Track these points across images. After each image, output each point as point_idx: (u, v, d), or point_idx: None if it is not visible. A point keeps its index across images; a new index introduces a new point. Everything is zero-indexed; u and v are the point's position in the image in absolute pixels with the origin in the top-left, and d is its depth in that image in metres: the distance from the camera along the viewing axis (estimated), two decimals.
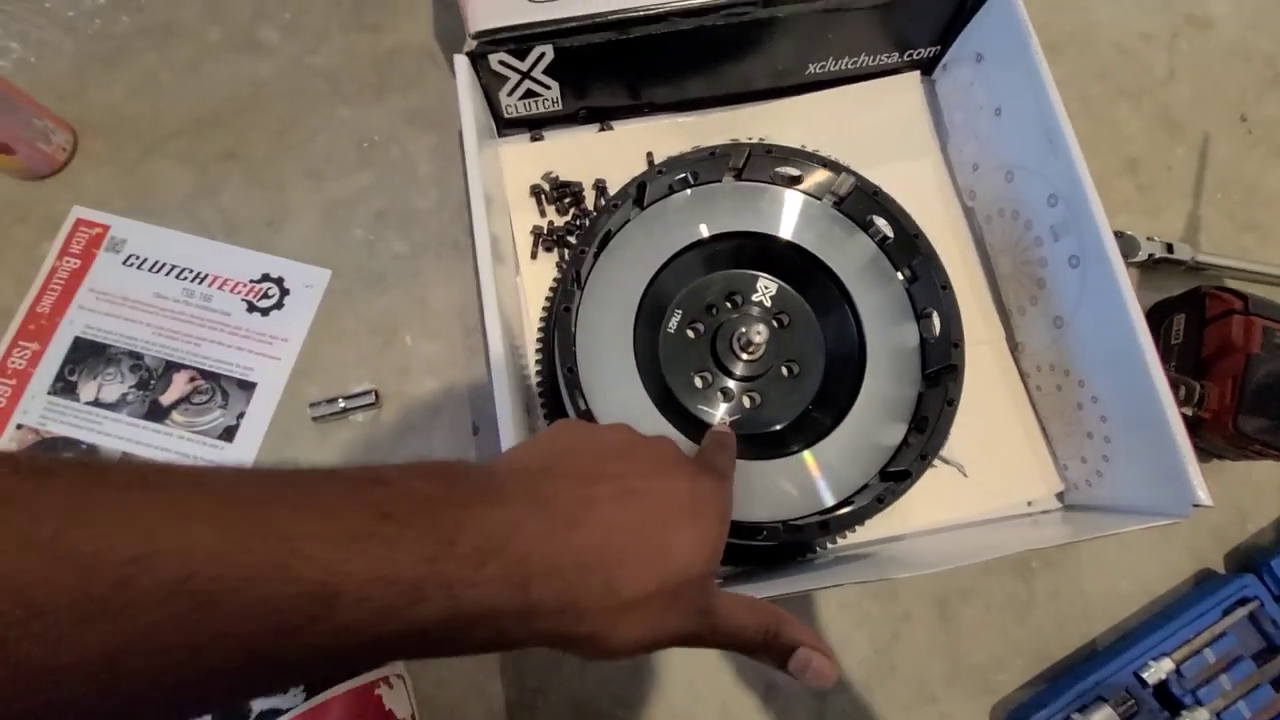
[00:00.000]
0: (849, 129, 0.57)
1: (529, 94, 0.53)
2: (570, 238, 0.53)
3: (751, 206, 0.48)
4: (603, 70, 0.52)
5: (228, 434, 0.51)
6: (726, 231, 0.48)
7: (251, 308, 0.54)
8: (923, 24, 0.55)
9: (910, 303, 0.47)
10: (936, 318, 0.46)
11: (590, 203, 0.55)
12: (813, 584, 0.41)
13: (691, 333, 0.48)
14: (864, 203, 0.48)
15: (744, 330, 0.45)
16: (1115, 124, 0.63)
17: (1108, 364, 0.45)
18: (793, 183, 0.49)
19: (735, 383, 0.47)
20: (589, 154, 0.56)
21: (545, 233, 0.53)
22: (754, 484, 0.43)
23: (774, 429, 0.47)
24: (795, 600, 0.50)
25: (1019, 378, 0.53)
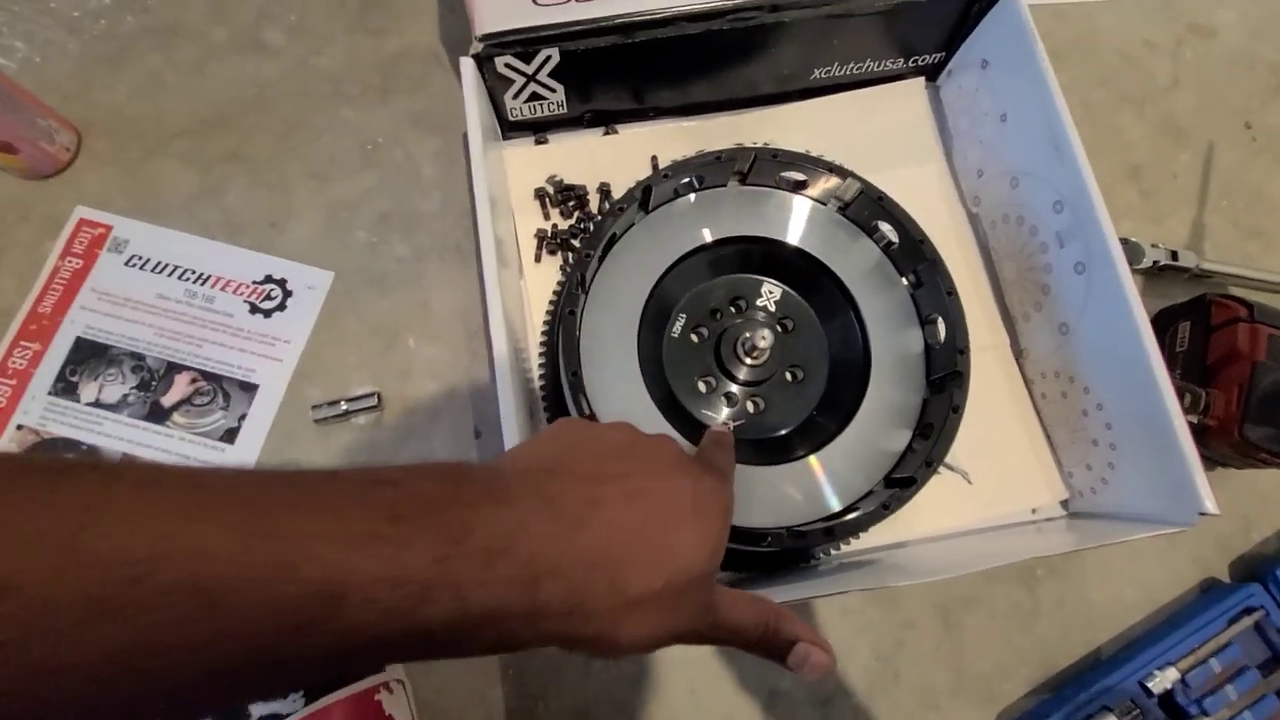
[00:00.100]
0: (854, 134, 0.56)
1: (534, 97, 0.53)
2: (574, 241, 0.53)
3: (756, 211, 0.48)
4: (608, 74, 0.52)
5: (229, 436, 0.51)
6: (731, 236, 0.48)
7: (254, 309, 0.53)
8: (928, 30, 0.55)
9: (915, 308, 0.47)
10: (941, 323, 0.46)
11: (594, 206, 0.55)
12: (816, 591, 0.41)
13: (696, 337, 0.48)
14: (869, 208, 0.48)
15: (748, 335, 0.45)
16: (1118, 131, 0.63)
17: (1113, 371, 0.45)
18: (798, 188, 0.49)
19: (739, 387, 0.47)
20: (594, 157, 0.56)
21: (549, 236, 0.53)
22: (757, 490, 0.42)
23: (778, 434, 0.47)
24: (797, 607, 0.50)
25: (1023, 384, 0.53)
